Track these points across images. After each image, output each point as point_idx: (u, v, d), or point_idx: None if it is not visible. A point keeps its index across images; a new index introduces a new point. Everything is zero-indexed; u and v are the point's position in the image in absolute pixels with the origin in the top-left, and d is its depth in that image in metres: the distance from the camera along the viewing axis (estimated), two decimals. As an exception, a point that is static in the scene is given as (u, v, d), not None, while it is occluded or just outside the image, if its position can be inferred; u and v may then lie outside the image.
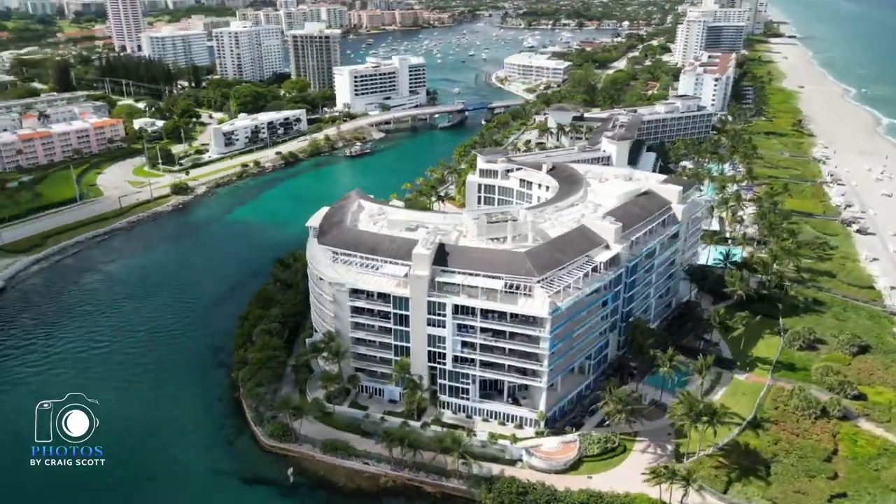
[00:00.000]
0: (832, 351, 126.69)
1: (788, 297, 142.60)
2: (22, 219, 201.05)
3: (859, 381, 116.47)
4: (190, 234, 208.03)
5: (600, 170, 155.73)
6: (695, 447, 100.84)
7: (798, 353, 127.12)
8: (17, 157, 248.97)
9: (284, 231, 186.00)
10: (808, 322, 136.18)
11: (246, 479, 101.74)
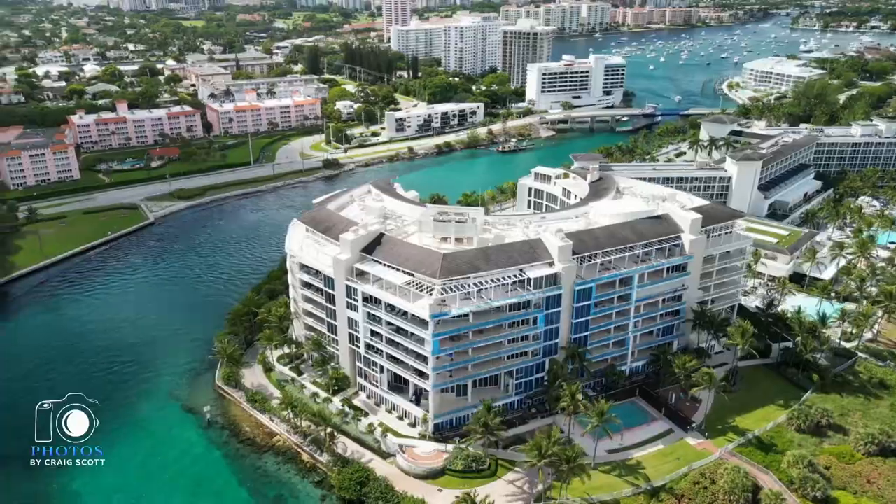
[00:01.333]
0: (845, 443, 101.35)
1: (856, 371, 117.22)
2: (200, 173, 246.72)
3: (843, 485, 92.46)
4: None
5: (676, 195, 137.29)
6: (558, 494, 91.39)
7: (797, 434, 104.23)
8: (230, 125, 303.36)
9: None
10: (848, 404, 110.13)
11: (185, 407, 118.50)
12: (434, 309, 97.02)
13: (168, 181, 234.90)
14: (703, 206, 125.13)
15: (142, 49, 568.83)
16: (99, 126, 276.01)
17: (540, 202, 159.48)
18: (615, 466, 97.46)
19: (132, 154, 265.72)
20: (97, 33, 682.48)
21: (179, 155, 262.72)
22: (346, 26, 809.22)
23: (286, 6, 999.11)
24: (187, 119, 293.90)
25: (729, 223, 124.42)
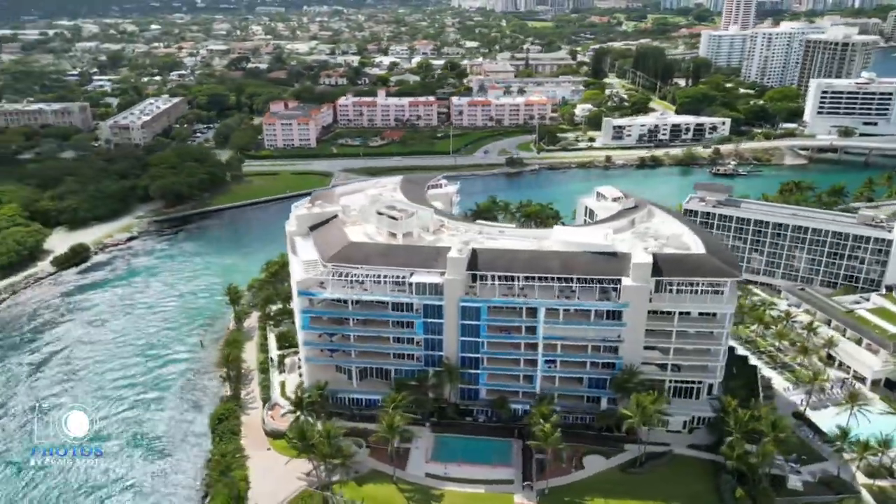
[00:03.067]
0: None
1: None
2: (401, 156, 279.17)
3: None
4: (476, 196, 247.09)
5: (682, 236, 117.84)
6: (338, 489, 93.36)
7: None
8: (460, 118, 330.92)
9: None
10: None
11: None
12: (302, 285, 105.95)
13: (363, 158, 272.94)
14: (690, 255, 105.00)
15: (474, 46, 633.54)
16: (354, 107, 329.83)
17: (590, 222, 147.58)
18: (412, 490, 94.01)
19: (372, 133, 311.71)
20: (455, 31, 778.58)
21: (400, 138, 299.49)
22: (682, 30, 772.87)
23: (650, 9, 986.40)
24: (425, 108, 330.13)
25: (714, 280, 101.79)
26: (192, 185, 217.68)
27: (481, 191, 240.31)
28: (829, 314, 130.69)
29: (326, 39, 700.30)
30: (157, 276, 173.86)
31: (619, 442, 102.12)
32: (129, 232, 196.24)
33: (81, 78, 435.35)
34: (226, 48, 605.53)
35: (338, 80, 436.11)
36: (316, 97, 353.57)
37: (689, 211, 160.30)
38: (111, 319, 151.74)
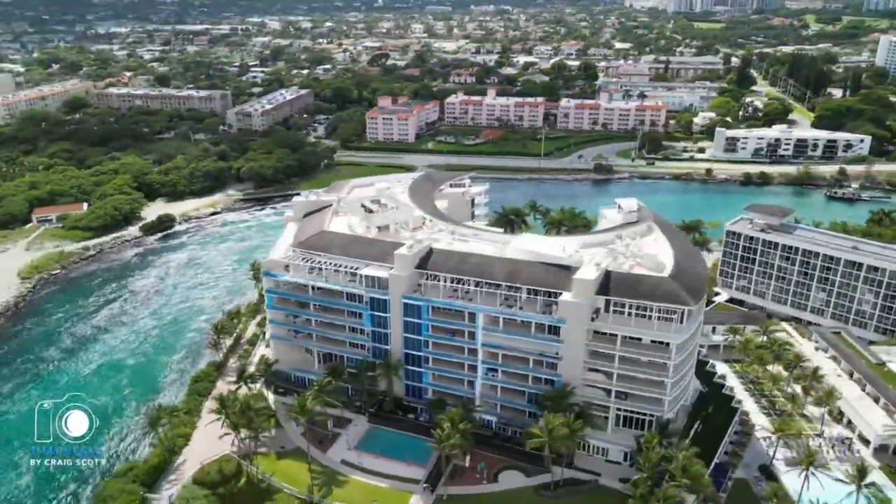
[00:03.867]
0: None
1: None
2: (490, 155, 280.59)
3: None
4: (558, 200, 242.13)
5: (656, 257, 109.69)
6: (255, 461, 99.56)
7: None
8: (566, 120, 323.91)
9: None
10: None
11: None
12: (267, 266, 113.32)
13: (444, 156, 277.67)
14: (648, 277, 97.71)
15: (624, 48, 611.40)
16: (460, 106, 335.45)
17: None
18: (320, 472, 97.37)
19: (473, 132, 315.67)
20: (613, 32, 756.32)
21: (496, 138, 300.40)
22: (874, 34, 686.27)
23: (850, 10, 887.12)
24: (530, 109, 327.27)
25: (665, 307, 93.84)
26: (279, 170, 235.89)
27: (562, 195, 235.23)
28: (852, 364, 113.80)
29: (478, 38, 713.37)
30: (223, 245, 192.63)
31: (547, 463, 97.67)
32: (213, 207, 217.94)
33: (240, 69, 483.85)
34: (378, 45, 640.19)
35: (467, 79, 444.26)
36: (432, 94, 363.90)
37: (731, 233, 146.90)
38: (169, 279, 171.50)
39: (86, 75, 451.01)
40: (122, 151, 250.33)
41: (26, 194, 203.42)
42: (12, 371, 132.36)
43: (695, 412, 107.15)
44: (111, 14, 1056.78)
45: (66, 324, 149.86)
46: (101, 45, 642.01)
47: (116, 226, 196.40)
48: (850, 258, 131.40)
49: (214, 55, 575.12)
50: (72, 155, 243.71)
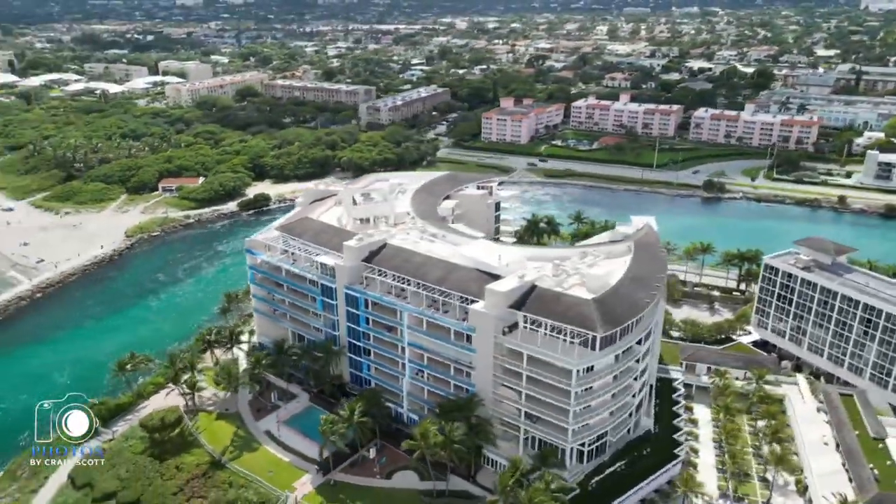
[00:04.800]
0: None
1: None
2: (599, 162, 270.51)
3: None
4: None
5: (609, 276, 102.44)
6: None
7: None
8: (699, 131, 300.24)
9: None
10: None
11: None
12: (248, 243, 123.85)
13: (544, 161, 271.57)
14: (566, 296, 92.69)
15: (827, 55, 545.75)
16: (587, 110, 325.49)
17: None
18: (240, 437, 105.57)
19: (594, 137, 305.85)
20: (827, 36, 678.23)
21: (613, 145, 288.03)
22: None
23: None
24: (661, 117, 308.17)
25: (572, 329, 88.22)
26: (375, 162, 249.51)
27: (654, 209, 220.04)
28: (839, 432, 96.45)
29: (661, 41, 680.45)
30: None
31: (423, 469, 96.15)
32: (295, 193, 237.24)
33: (402, 67, 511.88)
34: (550, 46, 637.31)
35: (621, 83, 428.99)
36: (567, 97, 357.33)
37: (769, 268, 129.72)
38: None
39: (273, 68, 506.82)
40: (256, 135, 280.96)
41: (160, 166, 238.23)
42: (93, 304, 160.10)
43: (628, 450, 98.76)
44: (326, 14, 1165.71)
45: (144, 275, 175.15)
46: (301, 42, 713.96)
47: (219, 200, 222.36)
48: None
49: (388, 53, 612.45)
50: (212, 136, 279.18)
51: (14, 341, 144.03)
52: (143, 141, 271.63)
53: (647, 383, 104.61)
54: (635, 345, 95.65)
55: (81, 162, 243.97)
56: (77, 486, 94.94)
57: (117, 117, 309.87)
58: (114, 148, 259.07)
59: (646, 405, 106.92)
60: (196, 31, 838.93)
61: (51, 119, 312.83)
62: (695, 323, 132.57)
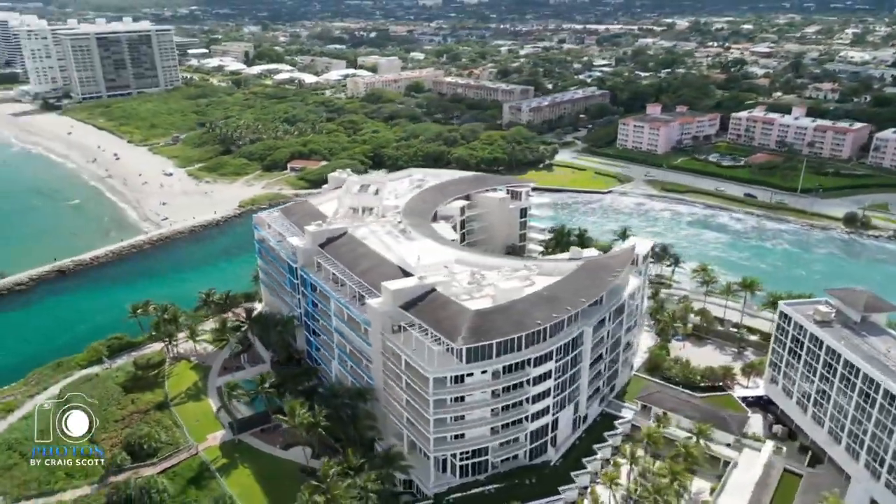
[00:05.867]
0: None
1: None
2: (738, 182, 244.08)
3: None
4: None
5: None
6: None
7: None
8: (879, 155, 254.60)
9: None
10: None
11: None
12: (255, 220, 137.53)
13: (678, 172, 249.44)
14: (455, 306, 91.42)
15: None
16: (747, 122, 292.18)
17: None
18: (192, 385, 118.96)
19: (746, 153, 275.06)
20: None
21: (762, 163, 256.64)
22: None
23: None
24: (834, 136, 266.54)
25: (442, 339, 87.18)
26: (483, 161, 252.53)
27: (779, 242, 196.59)
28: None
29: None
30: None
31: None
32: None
33: (582, 67, 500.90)
34: (767, 51, 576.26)
35: (827, 95, 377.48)
36: (738, 105, 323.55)
37: (784, 316, 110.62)
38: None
39: (458, 66, 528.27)
40: (394, 127, 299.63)
41: (295, 148, 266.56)
42: (183, 258, 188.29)
43: (511, 474, 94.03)
44: (548, 14, 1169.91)
45: (234, 241, 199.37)
46: (504, 41, 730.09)
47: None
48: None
49: (581, 53, 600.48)
50: (353, 125, 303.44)
51: (111, 278, 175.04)
52: (296, 126, 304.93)
53: (558, 412, 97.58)
54: (528, 366, 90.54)
55: (238, 139, 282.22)
56: (59, 397, 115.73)
57: (289, 104, 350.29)
58: (269, 130, 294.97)
59: (559, 435, 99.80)
60: (415, 29, 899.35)
61: (241, 102, 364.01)
62: (687, 364, 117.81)
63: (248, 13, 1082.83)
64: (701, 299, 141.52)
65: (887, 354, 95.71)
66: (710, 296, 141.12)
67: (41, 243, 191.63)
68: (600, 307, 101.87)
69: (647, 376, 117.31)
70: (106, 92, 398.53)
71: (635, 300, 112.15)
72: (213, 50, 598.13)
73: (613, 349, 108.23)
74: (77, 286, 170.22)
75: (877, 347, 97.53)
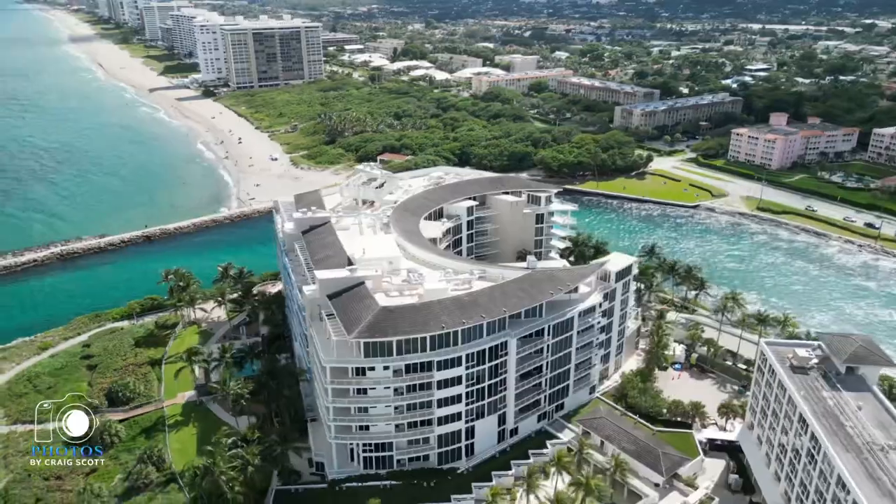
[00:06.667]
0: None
1: None
2: (866, 209, 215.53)
3: None
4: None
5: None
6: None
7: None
8: None
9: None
10: None
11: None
12: (273, 205, 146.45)
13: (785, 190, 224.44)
14: (364, 302, 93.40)
15: None
16: (891, 139, 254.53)
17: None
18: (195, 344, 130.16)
19: (882, 174, 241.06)
20: None
21: (891, 188, 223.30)
22: None
23: None
24: None
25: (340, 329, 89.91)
26: (565, 164, 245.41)
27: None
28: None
29: None
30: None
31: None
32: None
33: (733, 70, 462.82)
34: None
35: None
36: (886, 122, 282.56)
37: (763, 356, 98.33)
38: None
39: (596, 66, 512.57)
40: (493, 125, 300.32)
41: (388, 142, 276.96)
42: (250, 234, 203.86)
43: (413, 474, 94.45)
44: (728, 13, 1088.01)
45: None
46: (657, 41, 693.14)
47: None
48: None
49: (737, 55, 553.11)
50: (453, 122, 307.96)
51: (187, 247, 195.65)
52: (401, 121, 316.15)
53: (474, 420, 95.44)
54: (432, 369, 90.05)
55: (344, 131, 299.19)
56: (83, 346, 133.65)
57: (404, 100, 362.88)
58: (375, 123, 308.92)
59: (477, 445, 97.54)
60: (574, 28, 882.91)
61: (364, 96, 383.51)
62: (656, 395, 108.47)
63: (420, 11, 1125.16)
64: (719, 329, 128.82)
65: (853, 413, 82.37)
66: (742, 327, 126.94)
67: (144, 211, 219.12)
68: (535, 319, 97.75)
69: (610, 402, 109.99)
70: (258, 82, 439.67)
71: (592, 317, 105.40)
72: (367, 46, 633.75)
73: (558, 366, 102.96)
74: (156, 251, 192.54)
75: (844, 404, 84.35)
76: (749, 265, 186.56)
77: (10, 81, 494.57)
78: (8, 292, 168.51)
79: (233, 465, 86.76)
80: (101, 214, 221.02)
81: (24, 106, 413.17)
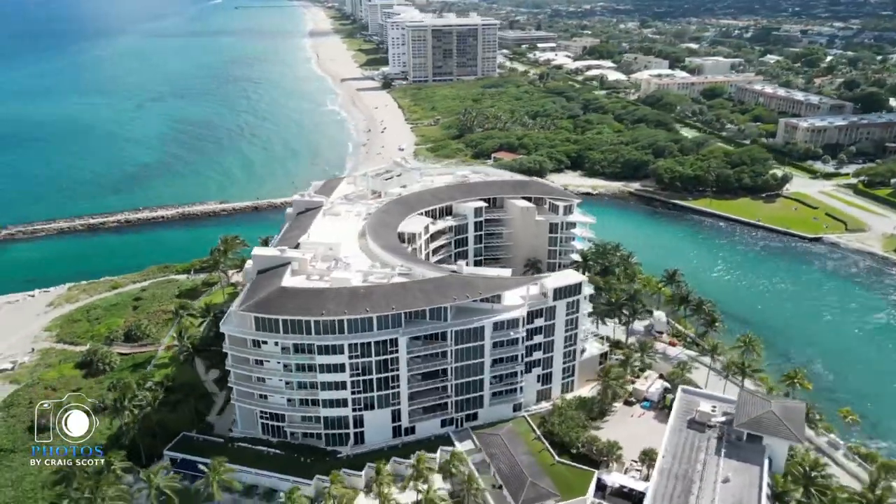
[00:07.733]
0: None
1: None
2: None
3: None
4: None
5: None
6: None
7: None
8: None
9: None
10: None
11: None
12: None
13: None
14: (305, 294, 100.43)
15: None
16: None
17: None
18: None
19: None
20: None
21: None
22: None
23: None
24: None
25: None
26: (678, 178, 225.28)
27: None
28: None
29: None
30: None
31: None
32: (590, 188, 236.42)
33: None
34: None
35: None
36: None
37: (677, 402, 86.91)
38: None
39: (808, 74, 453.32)
40: (633, 130, 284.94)
41: (507, 140, 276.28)
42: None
43: (296, 449, 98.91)
44: None
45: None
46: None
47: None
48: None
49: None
50: (588, 124, 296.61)
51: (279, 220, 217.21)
52: (536, 120, 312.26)
53: (361, 410, 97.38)
54: (314, 352, 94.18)
55: (475, 127, 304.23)
56: (141, 290, 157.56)
57: (552, 99, 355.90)
58: (509, 122, 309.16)
59: (367, 435, 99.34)
60: (812, 29, 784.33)
61: (518, 94, 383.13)
62: (575, 426, 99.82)
63: (647, 9, 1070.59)
64: (708, 371, 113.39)
65: (713, 483, 70.48)
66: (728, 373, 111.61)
67: (261, 184, 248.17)
68: (438, 322, 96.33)
69: (533, 423, 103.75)
70: (432, 77, 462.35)
71: (515, 331, 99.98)
72: (559, 45, 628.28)
73: (466, 374, 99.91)
74: (258, 220, 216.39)
75: (712, 471, 71.99)
76: (862, 324, 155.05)
77: (251, 65, 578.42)
78: (128, 241, 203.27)
79: (137, 405, 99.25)
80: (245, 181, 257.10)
81: (252, 86, 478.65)
